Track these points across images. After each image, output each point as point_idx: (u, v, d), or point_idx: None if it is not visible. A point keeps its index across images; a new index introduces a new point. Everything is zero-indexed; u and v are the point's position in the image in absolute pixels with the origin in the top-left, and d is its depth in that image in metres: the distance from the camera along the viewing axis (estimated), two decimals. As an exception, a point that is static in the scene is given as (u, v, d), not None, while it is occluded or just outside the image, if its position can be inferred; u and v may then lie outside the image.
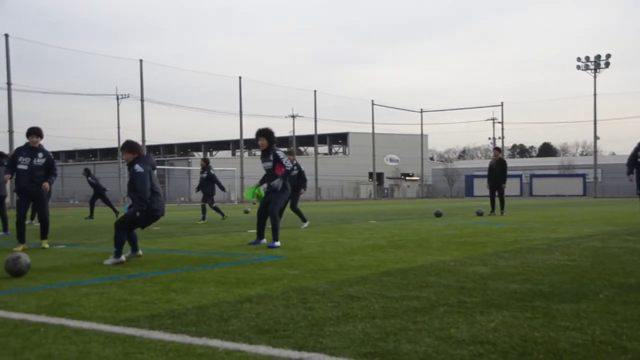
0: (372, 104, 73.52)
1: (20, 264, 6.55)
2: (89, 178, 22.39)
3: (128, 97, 58.48)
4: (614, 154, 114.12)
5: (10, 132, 40.75)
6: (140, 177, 7.92)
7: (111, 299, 5.30)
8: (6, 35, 40.90)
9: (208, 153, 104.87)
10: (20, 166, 9.85)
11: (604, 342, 3.69)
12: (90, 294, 5.57)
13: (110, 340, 3.84)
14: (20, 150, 9.98)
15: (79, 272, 7.08)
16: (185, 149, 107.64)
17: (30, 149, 9.92)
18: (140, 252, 8.39)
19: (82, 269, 7.35)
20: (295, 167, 13.80)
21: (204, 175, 19.25)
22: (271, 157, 10.13)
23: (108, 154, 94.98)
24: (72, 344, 3.78)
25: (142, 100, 52.33)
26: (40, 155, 9.96)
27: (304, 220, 15.05)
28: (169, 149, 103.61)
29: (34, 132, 9.91)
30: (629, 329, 4.00)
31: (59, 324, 4.33)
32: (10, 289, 5.86)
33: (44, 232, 10.33)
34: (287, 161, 10.17)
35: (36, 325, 4.31)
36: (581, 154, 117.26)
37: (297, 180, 14.59)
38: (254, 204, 11.78)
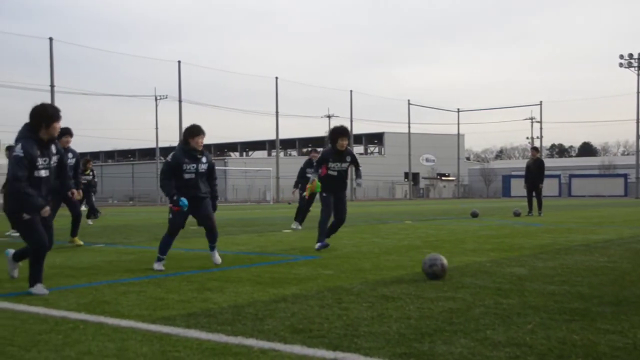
0: (409, 104, 73.14)
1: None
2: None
3: (166, 97, 59.17)
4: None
5: (52, 133, 41.52)
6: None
7: (148, 297, 5.37)
8: (50, 39, 41.79)
9: (244, 153, 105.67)
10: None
11: (645, 346, 3.61)
12: (128, 292, 5.66)
13: (147, 338, 3.90)
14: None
15: (117, 271, 7.19)
16: (222, 149, 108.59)
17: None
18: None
19: (120, 268, 7.47)
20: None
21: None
22: (348, 158, 9.68)
23: (146, 154, 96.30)
24: (111, 341, 3.85)
25: (180, 101, 52.95)
26: (70, 155, 10.15)
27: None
28: (205, 149, 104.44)
29: (67, 132, 10.04)
30: (671, 333, 3.90)
31: (98, 321, 4.42)
32: (51, 287, 5.98)
33: (75, 230, 10.63)
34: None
35: (76, 322, 4.39)
36: (622, 154, 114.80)
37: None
38: (306, 197, 11.80)
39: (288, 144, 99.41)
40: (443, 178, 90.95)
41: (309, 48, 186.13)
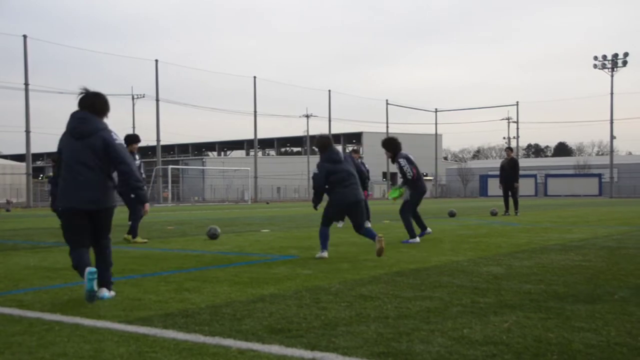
0: (387, 104, 73.40)
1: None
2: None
3: (143, 97, 58.81)
4: (630, 153, 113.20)
5: (27, 132, 41.05)
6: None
7: (125, 298, 5.33)
8: (24, 37, 41.22)
9: (222, 153, 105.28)
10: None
11: (619, 344, 3.66)
12: (105, 292, 5.60)
13: (124, 339, 3.87)
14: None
15: (93, 271, 7.11)
16: (200, 149, 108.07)
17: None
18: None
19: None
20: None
21: None
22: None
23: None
24: (87, 342, 3.81)
25: (157, 100, 52.58)
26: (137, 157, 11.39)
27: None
28: (183, 148, 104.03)
29: (137, 140, 11.23)
30: (644, 330, 3.96)
31: (74, 322, 4.37)
32: (26, 287, 5.90)
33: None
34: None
35: (51, 323, 4.34)
36: (597, 154, 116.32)
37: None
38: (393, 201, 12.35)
39: (266, 144, 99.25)
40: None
41: (288, 48, 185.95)
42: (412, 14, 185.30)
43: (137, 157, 11.33)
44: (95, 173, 5.29)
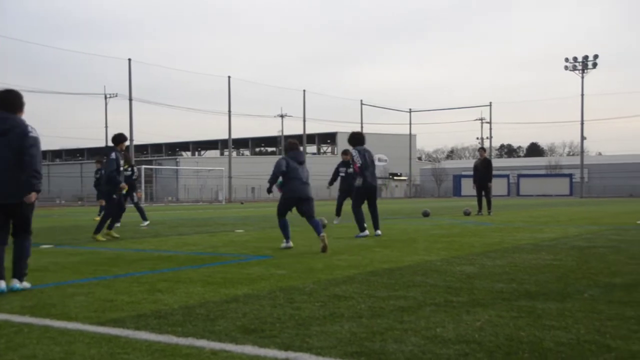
0: (361, 104, 73.65)
1: None
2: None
3: (116, 96, 58.21)
4: (600, 154, 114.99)
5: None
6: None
7: (97, 299, 5.27)
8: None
9: (196, 152, 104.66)
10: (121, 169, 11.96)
11: (588, 341, 3.71)
12: (76, 294, 5.54)
13: (95, 341, 3.83)
14: (119, 156, 11.82)
15: (64, 273, 7.03)
16: (174, 149, 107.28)
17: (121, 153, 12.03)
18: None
19: (68, 269, 7.31)
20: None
21: (98, 175, 19.79)
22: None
23: (95, 153, 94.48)
24: (57, 344, 3.76)
25: (130, 100, 52.11)
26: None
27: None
28: (157, 148, 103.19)
29: (126, 139, 12.12)
30: (612, 328, 4.03)
31: (44, 324, 4.31)
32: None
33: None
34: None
35: (20, 326, 4.27)
36: (568, 154, 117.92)
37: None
38: None
39: (241, 144, 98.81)
40: (395, 178, 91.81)
41: (263, 48, 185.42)
42: (387, 15, 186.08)
43: (113, 154, 11.70)
44: (14, 168, 5.54)
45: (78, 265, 7.72)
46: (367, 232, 11.57)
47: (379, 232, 11.76)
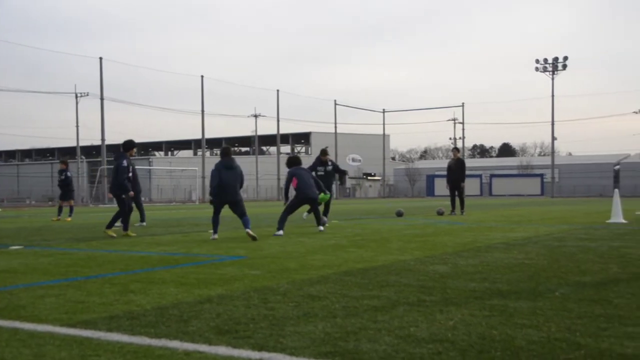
0: (335, 104, 73.73)
1: None
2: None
3: (87, 95, 57.53)
4: (570, 154, 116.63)
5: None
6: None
7: (68, 300, 5.20)
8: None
9: (169, 152, 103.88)
10: (130, 174, 12.92)
11: (558, 339, 3.76)
12: (46, 295, 5.46)
13: (66, 343, 3.77)
14: (128, 161, 12.82)
15: (34, 274, 6.93)
16: (146, 149, 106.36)
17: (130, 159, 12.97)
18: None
19: (38, 271, 7.20)
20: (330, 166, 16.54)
21: (63, 177, 19.70)
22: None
23: (66, 153, 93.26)
24: (26, 347, 3.70)
25: (101, 99, 51.53)
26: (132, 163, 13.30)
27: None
28: (125, 148, 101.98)
29: (136, 145, 13.34)
30: (582, 326, 4.09)
31: (13, 327, 4.24)
32: (-38, 291, 5.70)
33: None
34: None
35: (-11, 328, 4.20)
36: (539, 155, 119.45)
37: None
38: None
39: (214, 144, 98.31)
40: (369, 178, 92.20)
41: (236, 47, 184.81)
42: (361, 15, 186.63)
43: (124, 161, 12.69)
44: None
45: (48, 266, 7.61)
46: (282, 232, 12.32)
47: (321, 227, 13.15)
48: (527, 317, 4.37)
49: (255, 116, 76.47)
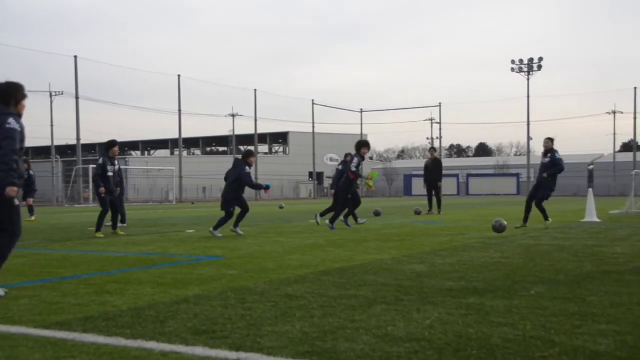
0: (313, 104, 73.76)
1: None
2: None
3: (62, 94, 56.86)
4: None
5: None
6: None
7: (42, 302, 5.14)
8: None
9: (146, 152, 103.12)
10: (109, 174, 12.71)
11: (534, 337, 3.80)
12: (20, 297, 5.38)
13: (40, 345, 3.73)
14: (106, 161, 12.70)
15: (7, 275, 6.82)
16: (123, 148, 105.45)
17: (112, 159, 12.84)
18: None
19: (11, 272, 7.09)
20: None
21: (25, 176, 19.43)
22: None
23: (41, 152, 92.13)
24: None
25: (77, 98, 50.98)
26: (116, 162, 13.11)
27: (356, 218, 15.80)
28: (105, 147, 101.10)
29: (117, 144, 13.14)
30: (557, 324, 4.14)
31: (-14, 328, 4.17)
32: None
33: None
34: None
35: (-39, 330, 4.13)
36: (515, 154, 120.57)
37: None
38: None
39: (192, 143, 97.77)
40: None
41: (214, 46, 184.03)
42: (338, 15, 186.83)
43: (116, 161, 12.96)
44: None
45: (22, 267, 7.51)
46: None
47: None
48: (503, 316, 4.40)
49: (233, 116, 76.24)
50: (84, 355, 3.49)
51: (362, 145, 14.22)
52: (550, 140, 13.66)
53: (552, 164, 13.30)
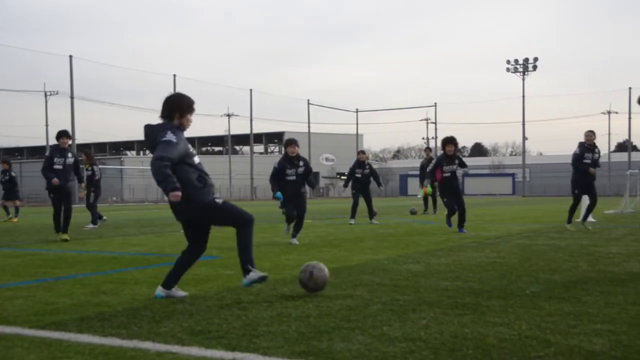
0: (308, 104, 73.79)
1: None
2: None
3: (57, 93, 56.72)
4: (541, 154, 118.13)
5: None
6: None
7: (37, 302, 5.12)
8: None
9: (141, 152, 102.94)
10: (56, 166, 11.32)
11: (529, 337, 3.81)
12: (15, 297, 5.37)
13: (35, 345, 3.72)
14: (54, 152, 11.42)
15: (3, 275, 6.81)
16: (118, 148, 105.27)
17: (62, 150, 11.46)
18: None
19: (6, 272, 7.08)
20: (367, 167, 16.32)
21: (6, 177, 19.52)
22: (457, 161, 12.61)
23: (35, 152, 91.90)
24: (-5, 349, 3.64)
25: (72, 97, 50.86)
26: (69, 155, 11.56)
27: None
28: (100, 147, 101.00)
29: (65, 135, 11.58)
30: (552, 323, 4.15)
31: (-19, 329, 4.16)
32: None
33: (66, 226, 11.58)
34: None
35: (-44, 330, 4.12)
36: (511, 154, 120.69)
37: (368, 178, 16.38)
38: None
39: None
40: (342, 177, 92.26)
41: (210, 47, 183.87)
42: (335, 15, 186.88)
43: (69, 154, 11.60)
44: None
45: (17, 267, 7.49)
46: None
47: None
48: (498, 315, 4.41)
49: (229, 115, 76.16)
50: (79, 356, 3.48)
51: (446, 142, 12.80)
52: (593, 133, 12.51)
53: (597, 160, 12.40)
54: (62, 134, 11.57)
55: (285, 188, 10.12)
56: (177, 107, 5.29)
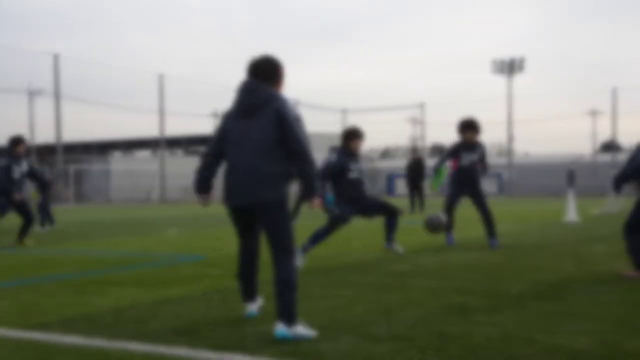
0: (297, 103, 73.77)
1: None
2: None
3: (41, 93, 56.25)
4: (527, 154, 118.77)
5: None
6: None
7: (22, 303, 5.09)
8: None
9: (127, 151, 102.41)
10: (15, 176, 10.53)
11: (515, 336, 3.83)
12: (0, 298, 5.32)
13: (20, 346, 3.69)
14: (11, 162, 10.50)
15: (-13, 276, 6.76)
16: (104, 148, 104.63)
17: (16, 159, 10.55)
18: None
19: (-9, 273, 7.03)
20: None
21: None
22: (478, 152, 10.14)
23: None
24: (-21, 351, 3.61)
25: (57, 97, 50.45)
26: (24, 163, 10.67)
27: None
28: (86, 147, 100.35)
29: (23, 141, 10.72)
30: (538, 323, 4.17)
31: (-35, 330, 4.12)
32: None
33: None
34: None
35: (-60, 332, 4.08)
36: (497, 154, 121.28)
37: None
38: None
39: (174, 143, 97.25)
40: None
41: (197, 45, 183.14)
42: (321, 15, 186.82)
43: (23, 162, 10.53)
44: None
45: (2, 268, 7.43)
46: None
47: None
48: (484, 315, 4.43)
49: (215, 115, 75.96)
50: (64, 357, 3.46)
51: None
52: None
53: None
54: (17, 141, 10.54)
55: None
56: (282, 75, 4.41)
